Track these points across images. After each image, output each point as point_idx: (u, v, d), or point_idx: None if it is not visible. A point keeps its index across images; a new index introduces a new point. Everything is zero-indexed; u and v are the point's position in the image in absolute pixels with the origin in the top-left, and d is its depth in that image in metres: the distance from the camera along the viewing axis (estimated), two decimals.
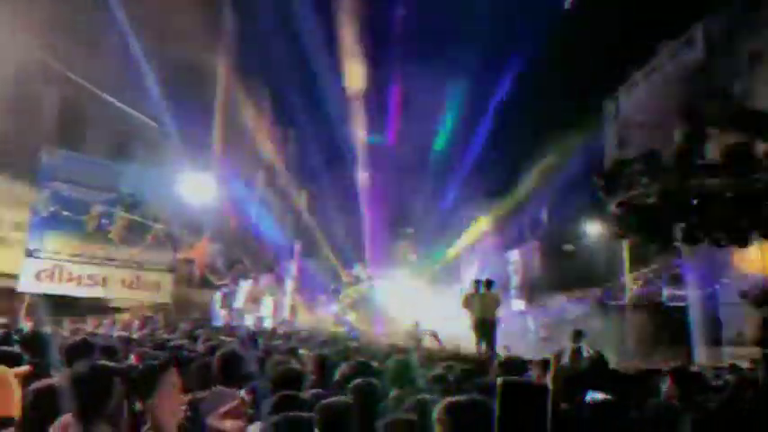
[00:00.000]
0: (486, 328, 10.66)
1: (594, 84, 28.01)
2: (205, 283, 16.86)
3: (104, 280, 13.03)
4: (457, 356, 8.02)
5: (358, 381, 3.55)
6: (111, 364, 2.77)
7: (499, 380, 1.72)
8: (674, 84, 21.96)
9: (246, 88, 20.45)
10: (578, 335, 10.10)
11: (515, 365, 5.27)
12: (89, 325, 11.03)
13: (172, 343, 6.35)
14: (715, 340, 12.85)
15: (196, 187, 14.48)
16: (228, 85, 18.96)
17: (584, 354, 9.60)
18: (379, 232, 32.26)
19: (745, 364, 11.23)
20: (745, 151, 8.40)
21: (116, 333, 10.14)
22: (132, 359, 5.29)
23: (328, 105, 25.12)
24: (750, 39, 18.06)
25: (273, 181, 25.19)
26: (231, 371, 4.11)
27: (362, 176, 29.68)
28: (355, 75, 24.06)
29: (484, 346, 10.54)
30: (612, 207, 8.74)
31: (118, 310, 13.87)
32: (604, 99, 29.02)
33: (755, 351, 11.57)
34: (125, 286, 13.31)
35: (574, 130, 30.40)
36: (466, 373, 4.99)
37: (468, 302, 11.03)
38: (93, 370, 2.47)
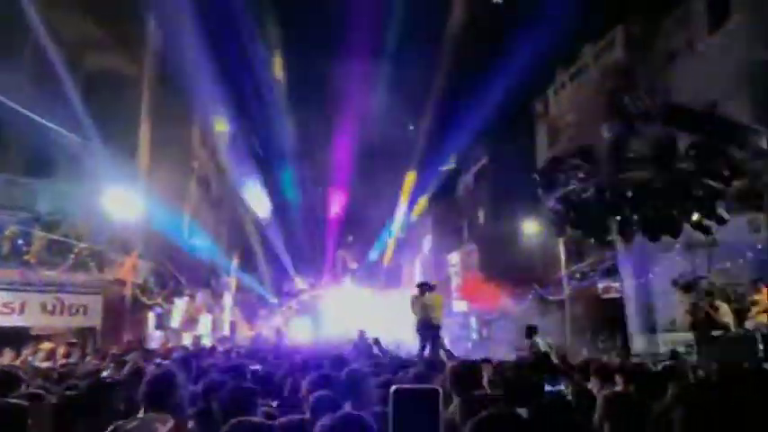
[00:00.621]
0: (430, 331, 10.56)
1: (524, 85, 28.83)
2: (137, 304, 15.88)
3: (22, 306, 12.00)
4: (402, 364, 7.83)
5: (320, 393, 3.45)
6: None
7: (392, 387, 1.74)
8: (597, 84, 22.89)
9: (174, 98, 19.60)
10: (531, 330, 10.18)
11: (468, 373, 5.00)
12: (5, 357, 10.07)
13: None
14: (650, 328, 13.32)
15: (122, 203, 13.61)
16: (154, 96, 18.11)
17: (541, 347, 9.71)
18: (319, 242, 31.83)
19: (681, 349, 11.67)
20: (671, 144, 8.73)
21: (37, 363, 9.34)
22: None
23: (262, 110, 24.61)
24: (667, 39, 19.07)
25: (207, 193, 24.31)
26: (160, 396, 3.75)
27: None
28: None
29: (428, 350, 10.43)
30: (551, 203, 8.85)
31: (38, 338, 12.79)
32: (534, 100, 29.93)
33: (688, 336, 12.09)
34: (46, 312, 12.32)
35: (507, 131, 31.20)
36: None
37: (413, 306, 10.93)
38: None
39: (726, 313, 10.67)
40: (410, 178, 31.80)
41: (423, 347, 10.34)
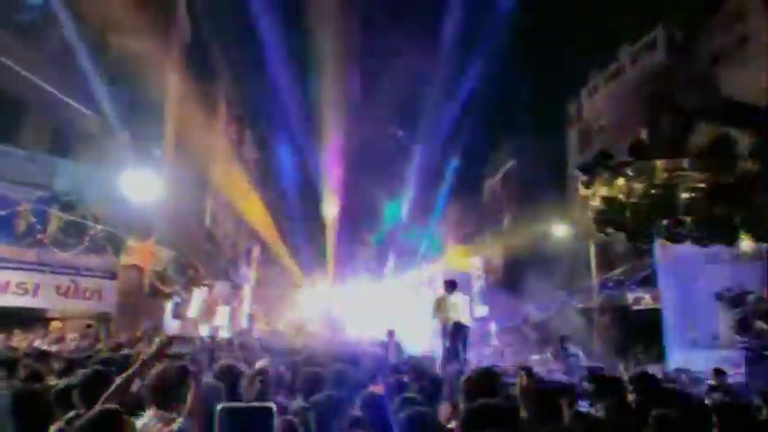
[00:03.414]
0: (460, 333, 9.93)
1: (556, 87, 28.10)
2: (154, 292, 15.54)
3: (36, 288, 11.68)
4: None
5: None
6: None
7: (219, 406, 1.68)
8: (634, 87, 22.01)
9: (202, 84, 19.30)
10: (563, 339, 9.53)
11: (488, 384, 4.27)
12: (15, 339, 9.74)
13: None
14: (691, 343, 12.52)
15: (142, 186, 13.22)
16: (181, 80, 17.79)
17: (572, 356, 9.07)
18: (342, 238, 31.33)
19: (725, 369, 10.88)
20: (729, 142, 8.00)
21: (45, 347, 8.96)
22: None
23: (292, 109, 24.21)
24: (712, 39, 18.17)
25: (230, 182, 23.99)
26: (166, 393, 3.26)
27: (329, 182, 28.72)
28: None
29: (456, 353, 9.82)
30: (595, 201, 8.18)
31: (52, 320, 12.48)
32: (566, 103, 29.08)
33: (732, 354, 11.29)
34: (60, 294, 11.98)
35: (535, 133, 30.43)
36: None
37: (437, 307, 10.32)
38: None
39: None
40: None
41: (449, 352, 9.69)
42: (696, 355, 12.11)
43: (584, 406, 4.97)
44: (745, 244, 10.94)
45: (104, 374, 3.63)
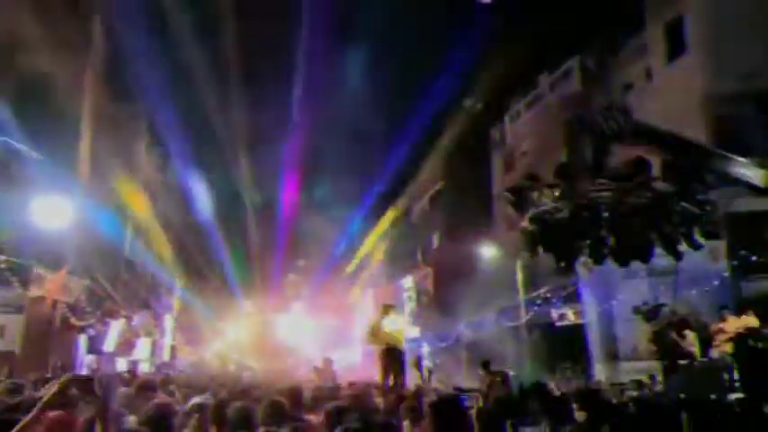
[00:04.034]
0: (395, 357, 9.84)
1: (481, 113, 29.04)
2: (66, 325, 14.43)
3: None
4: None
5: None
6: None
7: None
8: (554, 113, 23.14)
9: (121, 106, 18.44)
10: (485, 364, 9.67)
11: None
12: None
13: None
14: (613, 356, 13.05)
15: (54, 212, 12.33)
16: (99, 101, 16.88)
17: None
18: (270, 265, 30.64)
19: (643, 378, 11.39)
20: (645, 164, 8.47)
21: None
22: None
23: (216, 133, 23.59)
24: (622, 70, 19.45)
25: (152, 208, 22.92)
26: None
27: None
28: None
29: (392, 379, 9.70)
30: (523, 223, 8.38)
31: None
32: (490, 127, 30.12)
33: (650, 365, 11.85)
34: None
35: (462, 157, 31.21)
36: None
37: (372, 331, 10.19)
38: None
39: (692, 342, 10.47)
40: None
41: (386, 376, 9.57)
42: (618, 367, 12.65)
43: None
44: (660, 260, 11.61)
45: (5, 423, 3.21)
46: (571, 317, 17.94)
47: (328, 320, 28.52)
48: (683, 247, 8.03)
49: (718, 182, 9.74)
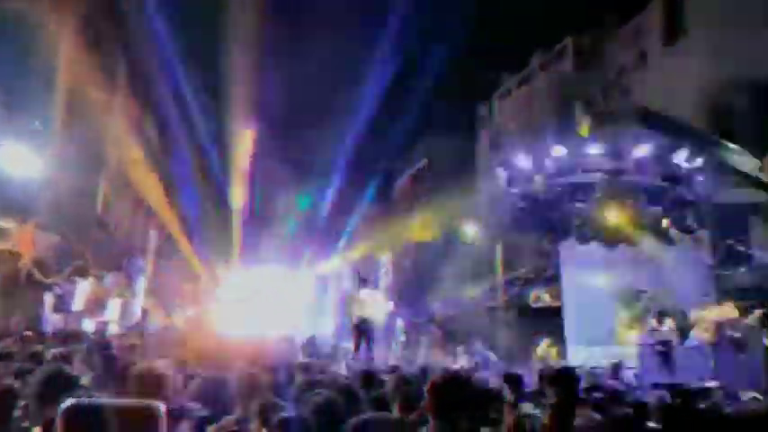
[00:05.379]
0: (364, 329, 9.71)
1: (469, 88, 28.62)
2: (31, 281, 13.90)
3: None
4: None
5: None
6: None
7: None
8: (545, 92, 22.88)
9: (99, 54, 17.60)
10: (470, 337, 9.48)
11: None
12: None
13: None
14: (588, 340, 13.04)
15: (22, 161, 11.73)
16: (76, 47, 16.04)
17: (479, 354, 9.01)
18: (250, 229, 29.94)
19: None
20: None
21: None
22: None
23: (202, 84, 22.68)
24: (618, 52, 19.18)
25: (127, 165, 22.19)
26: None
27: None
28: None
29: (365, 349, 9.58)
30: (513, 198, 8.17)
31: None
32: (478, 103, 29.80)
33: (627, 350, 11.86)
34: None
35: (448, 133, 30.87)
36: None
37: (349, 304, 10.04)
38: None
39: (671, 329, 10.45)
40: None
41: (358, 348, 9.43)
42: (594, 351, 12.63)
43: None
44: (644, 245, 11.53)
45: None
46: (547, 299, 17.96)
47: (308, 288, 28.18)
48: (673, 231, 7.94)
49: (711, 167, 9.64)
